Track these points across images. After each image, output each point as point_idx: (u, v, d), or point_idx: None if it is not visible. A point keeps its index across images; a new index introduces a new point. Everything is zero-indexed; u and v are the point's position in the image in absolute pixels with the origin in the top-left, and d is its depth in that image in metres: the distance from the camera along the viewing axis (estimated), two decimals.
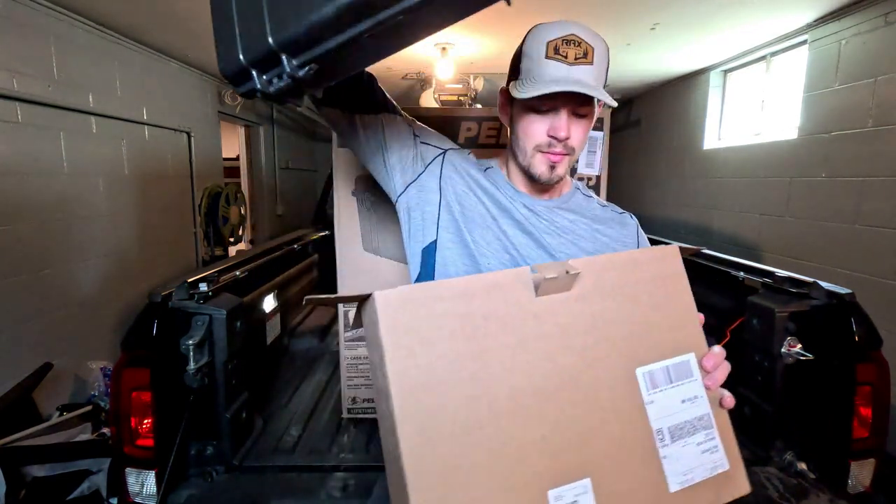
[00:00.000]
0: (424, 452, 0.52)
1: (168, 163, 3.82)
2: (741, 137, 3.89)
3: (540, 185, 0.89)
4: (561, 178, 0.87)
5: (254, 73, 0.54)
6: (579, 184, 1.01)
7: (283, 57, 0.51)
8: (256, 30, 0.52)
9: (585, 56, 0.79)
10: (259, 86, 0.54)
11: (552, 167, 0.85)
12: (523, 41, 0.84)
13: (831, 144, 2.86)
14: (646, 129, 5.45)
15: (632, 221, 0.98)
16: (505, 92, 0.90)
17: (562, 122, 0.81)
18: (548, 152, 0.84)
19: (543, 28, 0.82)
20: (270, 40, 0.51)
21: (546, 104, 0.81)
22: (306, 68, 0.51)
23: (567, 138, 0.82)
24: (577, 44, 0.79)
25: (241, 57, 0.54)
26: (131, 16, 2.89)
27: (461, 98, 4.94)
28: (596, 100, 0.81)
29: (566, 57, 0.78)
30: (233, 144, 5.75)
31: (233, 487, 1.27)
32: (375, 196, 1.59)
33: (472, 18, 0.51)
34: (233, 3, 0.55)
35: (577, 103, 0.81)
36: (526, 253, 0.87)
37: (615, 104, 0.80)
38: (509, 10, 1.29)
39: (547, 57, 0.79)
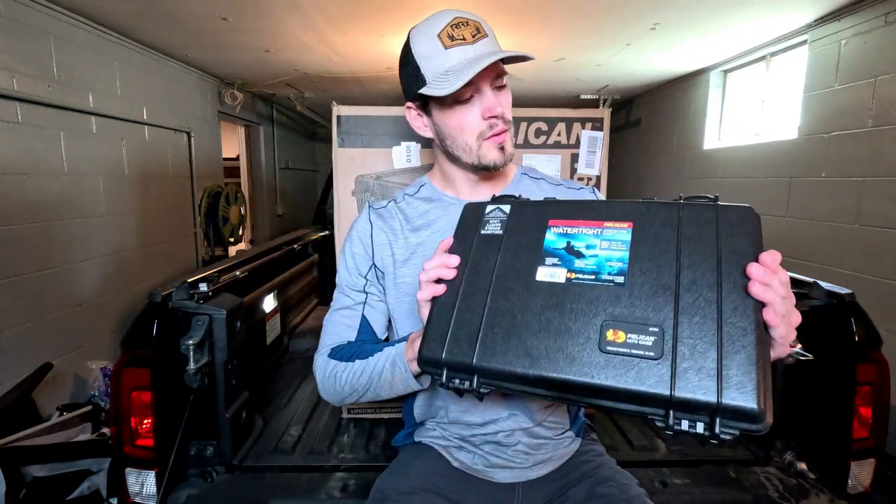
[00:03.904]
0: None
1: (168, 163, 3.82)
2: (741, 137, 3.89)
3: (488, 175, 0.89)
4: (513, 155, 0.88)
5: (445, 371, 0.65)
6: (525, 167, 1.00)
7: (476, 377, 0.63)
8: (466, 346, 0.63)
9: (479, 31, 0.80)
10: (444, 380, 0.65)
11: (502, 148, 0.85)
12: (408, 52, 0.82)
13: (831, 144, 2.86)
14: (646, 129, 5.45)
15: (591, 195, 0.96)
16: (415, 107, 0.89)
17: (491, 99, 0.82)
18: (493, 135, 0.83)
19: (423, 28, 0.81)
20: (474, 361, 0.62)
21: (468, 91, 0.80)
22: (487, 390, 0.63)
23: (503, 112, 0.83)
24: (465, 24, 0.79)
25: (442, 356, 0.64)
26: (131, 16, 2.89)
27: None
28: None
29: (464, 39, 0.78)
30: (233, 144, 5.75)
31: (233, 487, 1.27)
32: (375, 196, 1.59)
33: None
34: (454, 312, 0.66)
35: (494, 77, 0.82)
36: None
37: (534, 57, 0.81)
38: (509, 10, 1.29)
39: (447, 48, 0.78)
